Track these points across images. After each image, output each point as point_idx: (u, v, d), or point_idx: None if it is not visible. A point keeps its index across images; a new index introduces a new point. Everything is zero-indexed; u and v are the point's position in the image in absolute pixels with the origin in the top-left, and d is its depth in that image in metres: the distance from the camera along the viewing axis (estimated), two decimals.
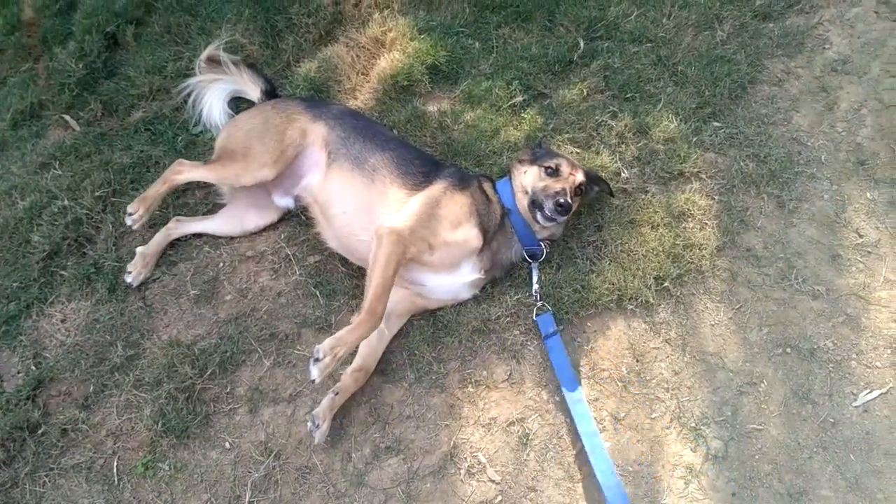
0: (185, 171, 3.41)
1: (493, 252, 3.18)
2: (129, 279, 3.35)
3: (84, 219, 3.54)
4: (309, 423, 2.81)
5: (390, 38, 4.12)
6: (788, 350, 3.11)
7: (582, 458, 2.85)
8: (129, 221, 3.33)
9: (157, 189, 3.38)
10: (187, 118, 3.94)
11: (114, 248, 3.50)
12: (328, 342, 2.68)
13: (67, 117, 4.03)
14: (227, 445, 2.96)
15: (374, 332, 3.00)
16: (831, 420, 2.95)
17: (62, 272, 3.42)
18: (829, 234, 3.40)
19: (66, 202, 3.57)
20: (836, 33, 4.12)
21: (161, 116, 4.00)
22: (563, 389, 2.94)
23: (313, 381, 2.64)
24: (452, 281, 3.14)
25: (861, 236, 3.39)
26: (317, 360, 2.64)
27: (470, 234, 3.07)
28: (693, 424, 2.94)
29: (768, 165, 3.57)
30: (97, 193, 3.61)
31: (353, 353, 3.04)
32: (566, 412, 2.94)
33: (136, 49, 4.31)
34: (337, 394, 2.89)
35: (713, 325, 3.18)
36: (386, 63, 4.02)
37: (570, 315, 3.18)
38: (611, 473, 2.70)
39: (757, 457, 2.87)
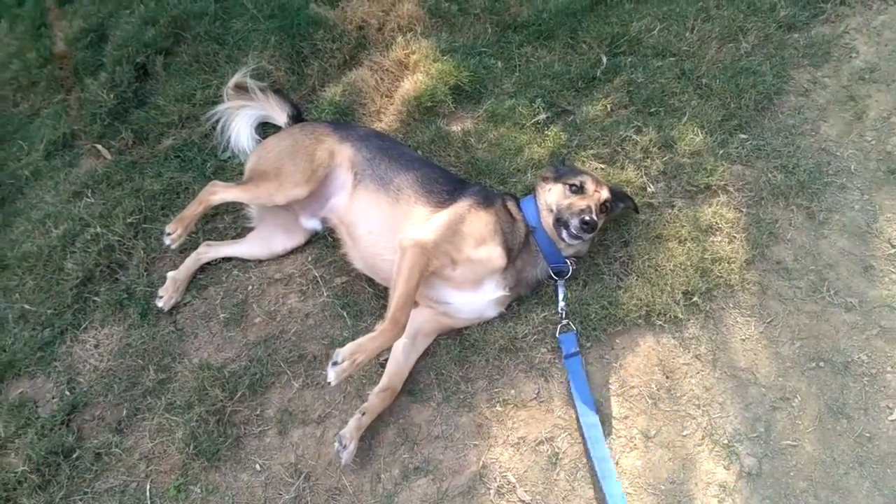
0: (220, 192, 3.47)
1: (517, 270, 3.17)
2: (160, 304, 3.41)
3: (116, 245, 3.62)
4: (336, 444, 2.81)
5: (413, 61, 4.16)
6: (822, 364, 3.04)
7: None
8: (167, 241, 3.37)
9: (194, 209, 3.44)
10: (216, 144, 4.00)
11: (145, 273, 3.58)
12: (349, 347, 2.69)
13: (99, 146, 4.14)
14: (258, 467, 2.97)
15: (399, 351, 3.04)
16: (867, 435, 2.86)
17: (95, 298, 3.50)
18: (860, 244, 3.32)
19: (98, 229, 3.65)
20: (862, 41, 4.06)
21: (190, 143, 4.08)
22: (578, 412, 2.90)
23: (329, 383, 2.64)
24: (477, 299, 3.13)
25: (893, 246, 3.30)
26: (335, 363, 2.64)
27: (493, 253, 3.06)
28: (726, 441, 2.87)
29: (797, 176, 3.51)
30: (129, 220, 3.69)
31: (378, 372, 3.07)
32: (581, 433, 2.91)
33: (165, 78, 4.41)
34: (364, 414, 2.88)
35: (744, 340, 3.12)
36: (410, 85, 4.06)
37: (597, 332, 3.15)
38: (622, 500, 2.65)
39: (792, 473, 2.80)
